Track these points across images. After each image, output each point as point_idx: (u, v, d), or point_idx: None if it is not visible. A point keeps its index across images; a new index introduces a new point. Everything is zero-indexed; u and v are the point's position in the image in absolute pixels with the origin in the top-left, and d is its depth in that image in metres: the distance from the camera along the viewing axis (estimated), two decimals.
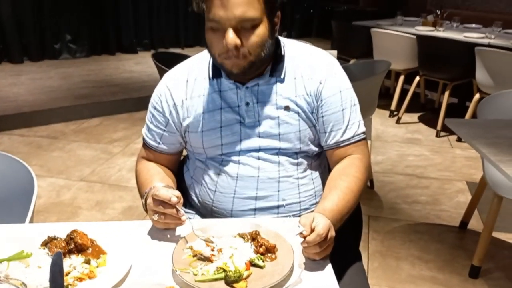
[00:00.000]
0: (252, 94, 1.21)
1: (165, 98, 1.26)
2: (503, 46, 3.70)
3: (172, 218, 1.06)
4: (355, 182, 1.17)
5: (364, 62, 3.19)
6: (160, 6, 6.85)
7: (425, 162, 3.44)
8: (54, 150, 3.56)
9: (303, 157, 1.26)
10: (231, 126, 1.22)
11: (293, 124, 1.22)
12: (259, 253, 0.99)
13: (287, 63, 1.22)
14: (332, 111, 1.22)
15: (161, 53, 3.44)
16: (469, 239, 2.47)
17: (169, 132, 1.28)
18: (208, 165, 1.28)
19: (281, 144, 1.22)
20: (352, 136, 1.23)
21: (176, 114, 1.25)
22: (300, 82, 1.21)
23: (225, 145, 1.23)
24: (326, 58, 1.26)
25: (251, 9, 1.05)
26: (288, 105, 1.21)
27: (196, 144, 1.27)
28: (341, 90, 1.22)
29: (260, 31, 1.09)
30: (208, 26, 1.09)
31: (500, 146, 1.62)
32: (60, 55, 6.19)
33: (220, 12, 1.04)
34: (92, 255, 0.98)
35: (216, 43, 1.10)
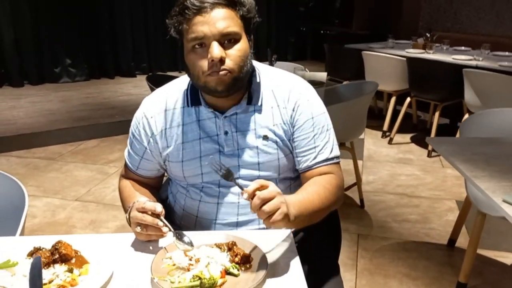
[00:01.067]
0: (231, 123, 1.23)
1: (143, 126, 1.28)
2: (490, 67, 3.80)
3: (154, 230, 1.11)
4: (323, 190, 1.18)
5: (352, 83, 3.28)
6: (157, 30, 7.01)
7: (416, 182, 3.49)
8: (51, 171, 3.61)
9: (282, 181, 1.29)
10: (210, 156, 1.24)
11: (272, 153, 1.24)
12: (235, 262, 1.04)
13: (264, 90, 1.25)
14: (303, 137, 1.25)
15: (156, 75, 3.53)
16: (456, 257, 2.50)
17: (147, 160, 1.31)
18: (189, 191, 1.31)
19: (260, 173, 1.25)
20: (324, 159, 1.25)
21: (154, 144, 1.28)
22: (277, 111, 1.25)
23: (205, 174, 1.25)
24: (299, 85, 1.28)
25: (232, 24, 1.11)
26: (267, 135, 1.24)
27: (176, 173, 1.30)
28: (313, 116, 1.25)
29: (241, 46, 1.14)
30: (190, 46, 1.13)
31: (476, 162, 1.68)
32: (60, 79, 6.32)
33: (203, 28, 1.09)
34: (75, 265, 1.03)
35: (200, 61, 1.13)
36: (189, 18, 1.11)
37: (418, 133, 4.68)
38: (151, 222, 1.10)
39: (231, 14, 1.12)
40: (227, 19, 1.11)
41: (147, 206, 1.11)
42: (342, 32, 7.21)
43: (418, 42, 4.74)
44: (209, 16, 1.09)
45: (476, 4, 5.50)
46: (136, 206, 1.13)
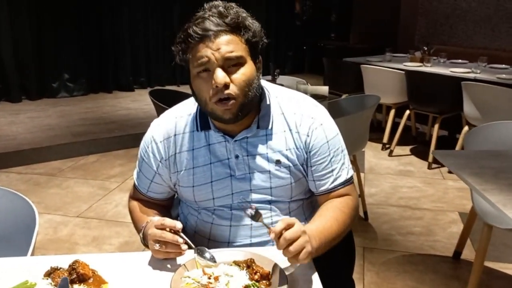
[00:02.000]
0: (241, 147, 1.22)
1: (152, 151, 1.27)
2: (489, 80, 3.84)
3: (173, 247, 1.10)
4: (341, 215, 1.20)
5: (354, 97, 3.30)
6: (156, 45, 7.06)
7: (418, 194, 3.50)
8: (51, 187, 3.59)
9: (294, 202, 1.29)
10: (222, 180, 1.23)
11: (284, 178, 1.23)
12: (254, 280, 1.04)
13: (274, 113, 1.24)
14: (321, 161, 1.24)
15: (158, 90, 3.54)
16: (463, 269, 2.50)
17: (157, 184, 1.30)
18: (201, 213, 1.30)
19: (272, 197, 1.24)
20: (342, 182, 1.26)
21: (164, 168, 1.27)
22: (289, 135, 1.23)
23: (217, 199, 1.25)
24: (311, 107, 1.27)
25: (236, 49, 1.11)
26: (279, 159, 1.22)
27: (188, 198, 1.29)
28: (328, 140, 1.24)
29: (246, 70, 1.13)
30: (195, 72, 1.14)
31: (484, 176, 1.69)
32: (58, 93, 6.30)
33: (207, 53, 1.09)
34: (93, 285, 1.02)
35: (205, 87, 1.12)
36: (194, 46, 1.11)
37: (418, 145, 4.70)
38: (171, 239, 1.09)
39: (235, 39, 1.11)
40: (230, 44, 1.11)
41: (167, 223, 1.11)
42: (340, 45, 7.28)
43: (415, 55, 4.79)
44: (212, 43, 1.10)
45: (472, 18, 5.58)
46: (155, 224, 1.13)
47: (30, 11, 5.88)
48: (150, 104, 3.30)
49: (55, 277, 1.01)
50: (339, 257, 1.29)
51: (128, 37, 6.74)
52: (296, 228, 1.00)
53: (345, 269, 1.37)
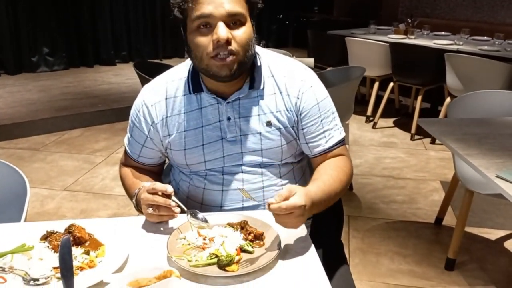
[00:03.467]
0: (233, 109, 1.22)
1: (143, 115, 1.27)
2: (471, 51, 3.89)
3: (166, 210, 1.11)
4: (343, 174, 1.23)
5: (339, 68, 3.31)
6: (137, 18, 6.92)
7: (401, 164, 3.57)
8: (35, 162, 3.56)
9: (284, 165, 1.31)
10: (213, 143, 1.24)
11: (274, 140, 1.24)
12: (248, 240, 1.07)
13: (264, 75, 1.24)
14: (312, 123, 1.25)
15: (143, 62, 3.49)
16: (444, 234, 2.59)
17: (148, 148, 1.31)
18: (193, 178, 1.31)
19: (263, 159, 1.26)
20: (336, 142, 1.28)
21: (155, 132, 1.27)
22: (279, 98, 1.24)
23: (208, 162, 1.26)
24: (301, 70, 1.27)
25: (238, 5, 1.10)
26: (270, 121, 1.23)
27: (179, 161, 1.29)
28: (318, 101, 1.25)
29: (246, 29, 1.13)
30: (195, 26, 1.11)
31: (468, 141, 1.74)
32: (37, 68, 6.16)
33: (209, 7, 1.08)
34: (90, 247, 1.03)
35: (204, 42, 1.11)
36: None
37: (401, 117, 4.77)
38: (163, 203, 1.10)
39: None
40: (234, 0, 1.09)
41: (158, 187, 1.12)
42: (324, 18, 7.24)
43: (399, 28, 4.81)
44: None
45: None
46: (147, 188, 1.14)
47: None
48: (133, 78, 3.27)
49: (52, 240, 1.02)
50: (329, 219, 1.33)
51: (108, 10, 6.58)
52: (289, 203, 1.00)
53: (334, 231, 1.41)
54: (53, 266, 0.96)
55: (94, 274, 0.95)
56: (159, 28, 7.07)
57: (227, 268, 0.98)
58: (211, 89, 1.22)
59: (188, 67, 1.26)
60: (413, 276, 2.22)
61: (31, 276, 0.93)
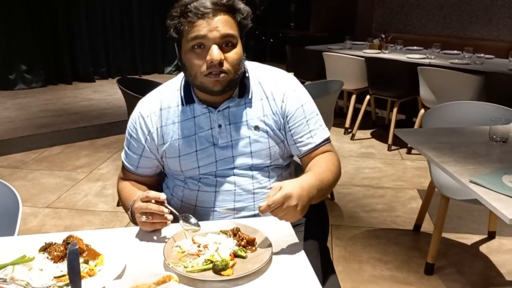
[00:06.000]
0: (224, 116, 1.31)
1: (140, 126, 1.35)
2: (442, 65, 4.06)
3: (158, 218, 1.16)
4: (332, 166, 1.33)
5: (318, 82, 3.42)
6: (116, 34, 6.94)
7: (379, 174, 3.68)
8: (16, 179, 3.52)
9: (273, 169, 1.39)
10: (206, 149, 1.32)
11: (263, 142, 1.34)
12: (241, 246, 1.12)
13: (252, 83, 1.34)
14: (298, 124, 1.35)
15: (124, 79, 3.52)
16: (422, 240, 2.68)
17: (145, 158, 1.38)
18: (187, 182, 1.38)
19: (253, 161, 1.34)
20: (323, 140, 1.39)
21: (151, 141, 1.35)
22: (266, 103, 1.34)
23: (202, 167, 1.34)
24: (284, 77, 1.39)
25: (231, 29, 1.20)
26: (258, 125, 1.33)
27: (174, 168, 1.37)
28: (302, 104, 1.36)
29: (238, 50, 1.23)
30: (190, 46, 1.21)
31: (442, 150, 1.84)
32: (15, 85, 6.11)
33: (204, 30, 1.17)
34: (89, 257, 1.07)
35: (199, 61, 1.21)
36: (191, 21, 1.18)
37: (378, 128, 4.91)
38: (156, 210, 1.15)
39: (230, 20, 1.21)
40: (226, 24, 1.19)
41: (151, 194, 1.17)
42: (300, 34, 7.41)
43: (374, 43, 4.97)
44: (210, 21, 1.17)
45: (425, 7, 5.84)
46: (140, 197, 1.19)
47: None
48: (113, 94, 3.31)
49: (51, 251, 1.05)
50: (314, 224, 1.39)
51: (87, 27, 6.59)
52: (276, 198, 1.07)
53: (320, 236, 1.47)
54: (54, 276, 0.99)
55: (95, 282, 0.98)
56: (137, 44, 7.11)
57: (222, 273, 1.03)
58: (202, 100, 1.31)
59: (180, 80, 1.36)
60: (394, 281, 2.30)
61: (32, 286, 0.96)
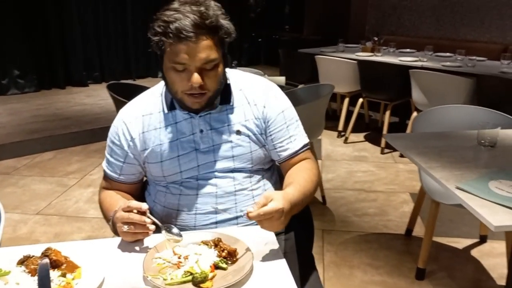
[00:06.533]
0: (205, 122, 1.32)
1: (123, 132, 1.35)
2: (434, 67, 4.07)
3: (140, 228, 1.15)
4: (311, 174, 1.34)
5: (309, 86, 3.41)
6: (109, 38, 6.92)
7: (372, 177, 3.68)
8: (7, 186, 3.50)
9: (255, 171, 1.39)
10: (187, 154, 1.32)
11: (245, 146, 1.34)
12: (222, 257, 1.11)
13: (233, 90, 1.36)
14: (278, 129, 1.38)
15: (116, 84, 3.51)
16: (414, 245, 2.67)
17: (128, 164, 1.37)
18: (169, 187, 1.37)
19: (235, 165, 1.35)
20: (301, 147, 1.40)
21: (134, 147, 1.35)
22: (248, 108, 1.36)
23: (184, 172, 1.33)
24: (265, 84, 1.42)
25: (213, 53, 1.19)
26: (239, 129, 1.34)
27: (156, 174, 1.36)
28: (283, 110, 1.39)
29: (219, 69, 1.24)
30: (170, 66, 1.20)
31: (429, 155, 1.83)
32: (7, 90, 6.08)
33: (186, 56, 1.16)
34: (67, 270, 1.05)
35: (179, 82, 1.21)
36: (172, 43, 1.16)
37: (371, 131, 4.91)
38: (138, 220, 1.15)
39: (212, 43, 1.19)
40: (208, 49, 1.18)
41: (133, 205, 1.16)
42: (294, 37, 7.41)
43: (366, 45, 4.98)
44: (192, 47, 1.16)
45: (418, 10, 5.85)
46: (122, 207, 1.18)
47: None
48: (106, 99, 3.29)
49: (28, 264, 1.04)
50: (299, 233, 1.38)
51: (79, 31, 6.56)
52: (266, 210, 1.09)
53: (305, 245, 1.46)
54: None
55: None
56: (131, 48, 7.09)
57: (201, 285, 1.01)
58: (184, 107, 1.31)
59: (162, 87, 1.36)
60: (384, 287, 2.29)
61: None
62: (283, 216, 1.12)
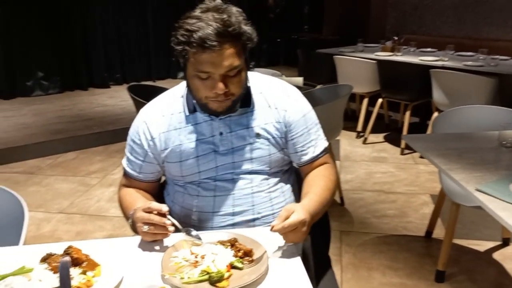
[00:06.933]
0: (225, 124, 1.33)
1: (143, 131, 1.37)
2: (456, 67, 4.00)
3: (160, 229, 1.18)
4: (330, 182, 1.36)
5: (328, 87, 3.40)
6: (130, 40, 7.02)
7: (391, 179, 3.64)
8: (31, 185, 3.59)
9: (273, 174, 1.40)
10: (206, 155, 1.34)
11: (264, 149, 1.35)
12: (238, 257, 1.12)
13: (254, 93, 1.36)
14: (300, 133, 1.38)
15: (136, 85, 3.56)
16: (434, 247, 2.64)
17: (148, 163, 1.40)
18: (187, 188, 1.39)
19: (253, 167, 1.36)
20: (322, 150, 1.42)
21: (154, 146, 1.37)
22: (268, 111, 1.36)
23: (202, 172, 1.35)
24: (285, 87, 1.42)
25: (236, 60, 1.20)
26: (259, 132, 1.35)
27: (175, 173, 1.39)
28: (304, 113, 1.40)
29: (242, 74, 1.25)
30: (194, 74, 1.22)
31: (449, 156, 1.81)
32: (32, 92, 6.22)
33: (210, 65, 1.18)
34: (87, 267, 1.08)
35: (203, 89, 1.23)
36: (196, 52, 1.17)
37: (391, 132, 4.86)
38: (158, 221, 1.17)
39: (234, 50, 1.19)
40: (232, 57, 1.19)
41: (153, 206, 1.18)
42: (313, 37, 7.39)
43: (386, 45, 4.93)
44: (216, 56, 1.16)
45: (439, 9, 5.76)
46: (142, 207, 1.20)
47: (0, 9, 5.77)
48: (127, 100, 3.33)
49: (51, 262, 1.07)
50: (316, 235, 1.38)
51: (102, 33, 6.67)
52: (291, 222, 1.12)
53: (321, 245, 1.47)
54: (52, 287, 1.01)
55: None
56: (151, 50, 7.18)
57: (218, 284, 1.03)
58: (205, 111, 1.32)
59: (184, 88, 1.37)
60: None
61: None
62: (306, 226, 1.14)
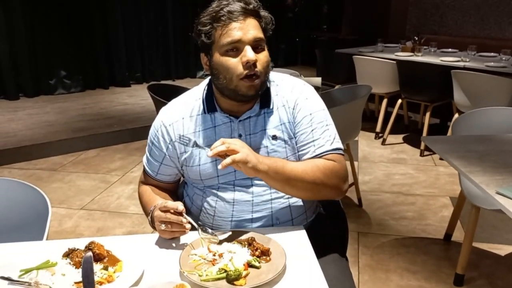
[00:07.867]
0: (244, 126, 1.33)
1: (162, 134, 1.37)
2: (477, 68, 3.94)
3: (177, 227, 1.20)
4: (311, 165, 1.29)
5: (346, 87, 3.38)
6: (150, 40, 7.12)
7: (410, 180, 3.61)
8: (54, 182, 3.68)
9: None
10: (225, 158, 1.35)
11: (280, 151, 1.34)
12: (255, 256, 1.14)
13: (272, 93, 1.36)
14: (302, 132, 1.34)
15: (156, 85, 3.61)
16: (453, 250, 2.61)
17: (165, 165, 1.41)
18: (206, 192, 1.39)
19: None
20: (323, 151, 1.32)
21: (173, 149, 1.37)
22: (283, 111, 1.35)
23: (221, 176, 1.35)
24: (298, 85, 1.40)
25: (260, 32, 1.26)
26: (276, 134, 1.33)
27: (194, 177, 1.39)
28: (311, 112, 1.35)
29: (266, 53, 1.28)
30: (223, 50, 1.24)
31: (470, 159, 1.79)
32: (55, 90, 6.36)
33: (238, 33, 1.22)
34: (109, 263, 1.11)
35: (234, 64, 1.24)
36: (225, 24, 1.22)
37: (410, 133, 4.81)
38: (175, 220, 1.19)
39: (258, 25, 1.26)
40: (256, 28, 1.25)
41: (169, 205, 1.20)
42: (332, 37, 7.36)
43: (406, 45, 4.88)
44: (244, 23, 1.22)
45: (461, 8, 5.67)
46: (159, 206, 1.22)
47: (24, 10, 5.91)
48: (147, 98, 3.39)
49: (73, 257, 1.11)
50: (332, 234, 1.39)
51: (123, 33, 6.79)
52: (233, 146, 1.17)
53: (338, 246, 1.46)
54: (75, 281, 1.04)
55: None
56: (171, 50, 7.26)
57: (235, 283, 1.04)
58: (224, 109, 1.34)
59: (203, 89, 1.38)
60: None
61: None
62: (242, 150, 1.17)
